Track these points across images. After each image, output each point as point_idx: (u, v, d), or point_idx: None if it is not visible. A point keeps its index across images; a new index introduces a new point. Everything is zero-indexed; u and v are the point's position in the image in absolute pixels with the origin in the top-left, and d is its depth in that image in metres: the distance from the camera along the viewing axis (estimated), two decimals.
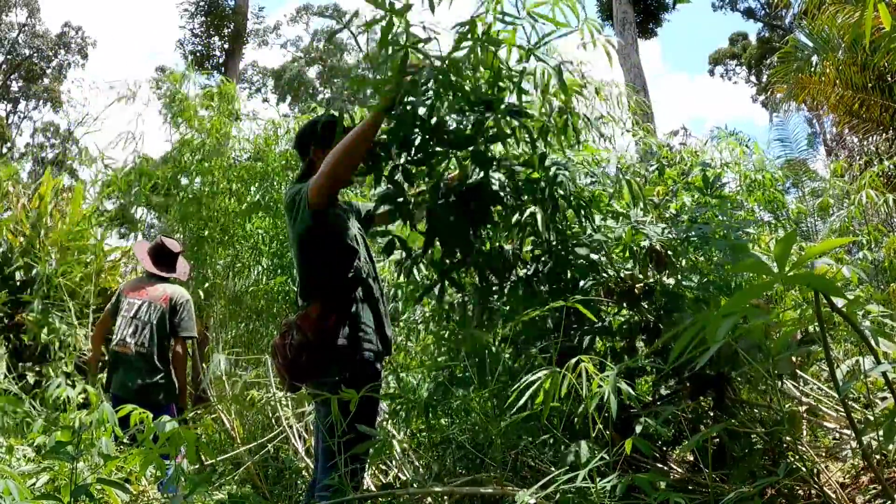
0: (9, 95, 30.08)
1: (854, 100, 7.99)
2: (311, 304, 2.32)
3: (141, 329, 3.78)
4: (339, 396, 2.04)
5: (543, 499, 1.81)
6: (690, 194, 2.89)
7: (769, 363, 2.01)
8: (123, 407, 2.59)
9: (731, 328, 1.24)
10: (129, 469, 2.55)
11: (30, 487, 2.20)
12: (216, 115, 5.28)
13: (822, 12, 7.21)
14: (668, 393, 2.55)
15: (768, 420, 2.33)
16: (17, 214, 6.21)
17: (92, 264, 6.24)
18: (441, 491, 2.00)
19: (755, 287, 1.54)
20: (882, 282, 4.28)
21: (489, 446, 1.94)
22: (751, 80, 28.22)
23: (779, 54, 9.07)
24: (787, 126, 9.84)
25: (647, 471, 2.09)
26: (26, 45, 28.97)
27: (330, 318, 2.29)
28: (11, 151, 29.91)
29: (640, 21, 15.82)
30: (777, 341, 1.94)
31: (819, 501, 2.07)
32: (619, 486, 1.71)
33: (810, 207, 6.34)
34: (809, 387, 2.63)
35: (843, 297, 1.45)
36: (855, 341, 2.96)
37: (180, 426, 2.17)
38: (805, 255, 1.39)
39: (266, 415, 3.73)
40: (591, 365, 1.78)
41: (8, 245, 6.05)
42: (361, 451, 2.06)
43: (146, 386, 3.72)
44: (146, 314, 3.81)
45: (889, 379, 1.52)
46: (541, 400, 1.80)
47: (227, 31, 15.96)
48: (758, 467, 2.03)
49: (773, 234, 3.43)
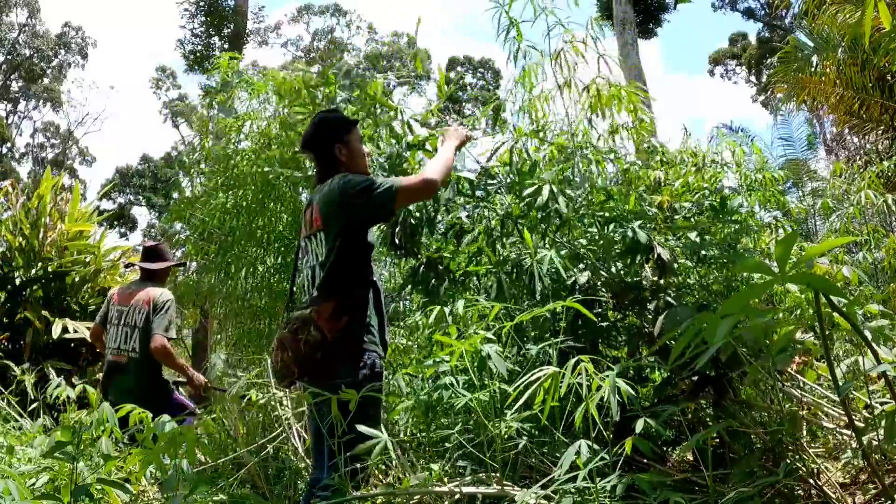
0: (9, 95, 30.09)
1: (854, 100, 7.99)
2: (324, 302, 2.28)
3: (131, 334, 3.84)
4: (346, 397, 2.04)
5: (543, 499, 1.81)
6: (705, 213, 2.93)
7: (769, 363, 2.01)
8: (123, 407, 2.60)
9: (731, 328, 1.24)
10: (128, 469, 2.55)
11: (30, 487, 2.20)
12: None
13: (823, 12, 7.21)
14: (669, 394, 2.56)
15: (768, 420, 2.34)
16: (17, 214, 6.21)
17: (91, 264, 6.24)
18: (441, 491, 2.00)
19: (755, 287, 1.54)
20: (882, 282, 4.28)
21: (489, 446, 1.94)
22: (751, 81, 28.24)
23: (779, 55, 9.08)
24: (789, 126, 9.85)
25: (647, 471, 2.09)
26: (26, 45, 28.97)
27: (343, 317, 2.28)
28: (12, 151, 29.90)
29: (640, 21, 15.82)
30: (777, 341, 1.94)
31: (819, 501, 2.07)
32: (619, 486, 1.71)
33: (810, 207, 6.34)
34: (809, 387, 2.63)
35: (843, 297, 1.45)
36: (855, 341, 2.96)
37: (180, 426, 2.17)
38: (805, 256, 1.39)
39: (266, 414, 3.73)
40: (591, 365, 1.78)
41: (7, 245, 6.05)
42: (362, 452, 2.05)
43: (144, 389, 3.75)
44: (132, 319, 3.88)
45: (889, 379, 1.52)
46: (540, 399, 1.80)
47: (227, 31, 15.95)
48: (758, 467, 2.03)
49: (773, 235, 3.43)
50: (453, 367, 2.23)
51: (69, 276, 6.06)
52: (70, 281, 6.08)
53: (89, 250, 6.33)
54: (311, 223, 2.49)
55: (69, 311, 5.93)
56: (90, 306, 6.14)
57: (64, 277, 6.04)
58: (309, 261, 2.48)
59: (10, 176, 24.72)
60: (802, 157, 9.67)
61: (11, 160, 30.03)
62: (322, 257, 2.39)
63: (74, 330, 5.58)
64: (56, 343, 5.67)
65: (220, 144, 5.26)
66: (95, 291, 6.29)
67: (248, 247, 5.10)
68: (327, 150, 2.51)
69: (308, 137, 2.59)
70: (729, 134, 9.52)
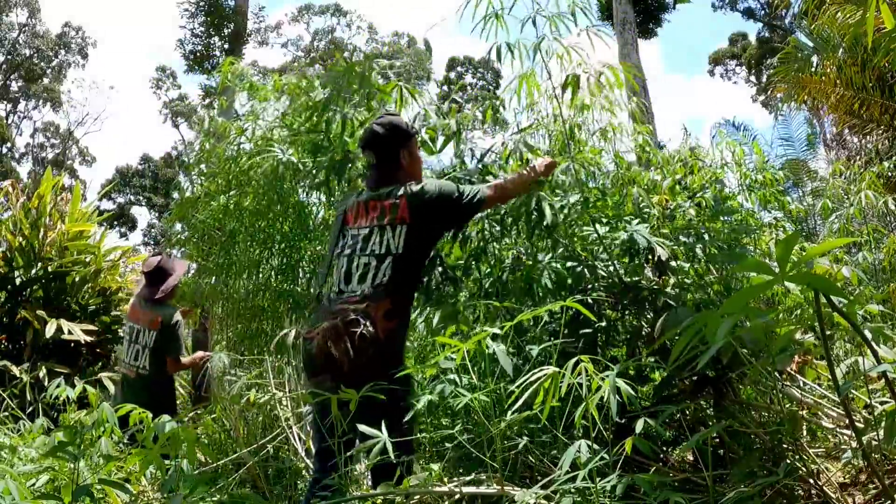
0: (9, 95, 30.10)
1: (854, 100, 7.99)
2: (383, 299, 2.29)
3: (141, 353, 4.17)
4: (354, 397, 2.04)
5: (543, 499, 1.81)
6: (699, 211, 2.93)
7: (769, 363, 2.01)
8: (122, 406, 2.60)
9: (731, 328, 1.24)
10: (128, 469, 2.55)
11: (30, 487, 2.20)
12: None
13: (823, 12, 7.21)
14: (668, 393, 2.56)
15: (768, 420, 2.34)
16: (17, 214, 6.21)
17: (91, 264, 6.23)
18: (441, 491, 2.00)
19: (755, 287, 1.54)
20: (882, 282, 4.28)
21: (489, 446, 1.94)
22: (750, 81, 28.25)
23: (780, 55, 9.08)
24: (789, 125, 9.86)
25: (647, 471, 2.09)
26: (26, 45, 28.98)
27: (395, 318, 2.30)
28: (12, 151, 29.90)
29: (640, 21, 15.80)
30: (777, 341, 1.94)
31: (819, 501, 2.07)
32: (619, 486, 1.71)
33: (809, 207, 6.34)
34: (809, 387, 2.63)
35: (843, 297, 1.45)
36: (856, 341, 2.96)
37: (180, 426, 2.17)
38: (805, 256, 1.39)
39: (266, 414, 3.73)
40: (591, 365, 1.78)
41: (7, 245, 6.04)
42: (361, 451, 2.05)
43: (149, 405, 3.83)
44: (142, 339, 4.20)
45: (889, 379, 1.52)
46: (540, 399, 1.80)
47: (227, 30, 15.93)
48: (758, 467, 2.03)
49: (773, 235, 3.43)
50: (458, 367, 2.24)
51: (69, 276, 6.06)
52: (70, 281, 6.08)
53: (89, 250, 6.33)
54: (382, 214, 2.46)
55: (69, 312, 5.93)
56: (90, 306, 6.14)
57: (64, 277, 6.04)
58: (360, 250, 2.43)
59: (11, 176, 24.74)
60: (802, 157, 9.68)
61: (11, 160, 30.04)
62: (398, 249, 2.38)
63: (69, 331, 5.57)
64: (56, 343, 5.67)
65: (221, 146, 5.26)
66: (95, 292, 6.29)
67: (250, 248, 5.09)
68: (393, 154, 2.55)
69: (376, 138, 2.57)
70: (731, 132, 9.54)
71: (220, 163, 5.04)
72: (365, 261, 2.40)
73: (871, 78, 7.75)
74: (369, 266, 2.38)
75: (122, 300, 6.47)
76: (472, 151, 3.16)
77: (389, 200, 2.47)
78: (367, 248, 2.42)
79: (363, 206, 2.54)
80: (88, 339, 5.70)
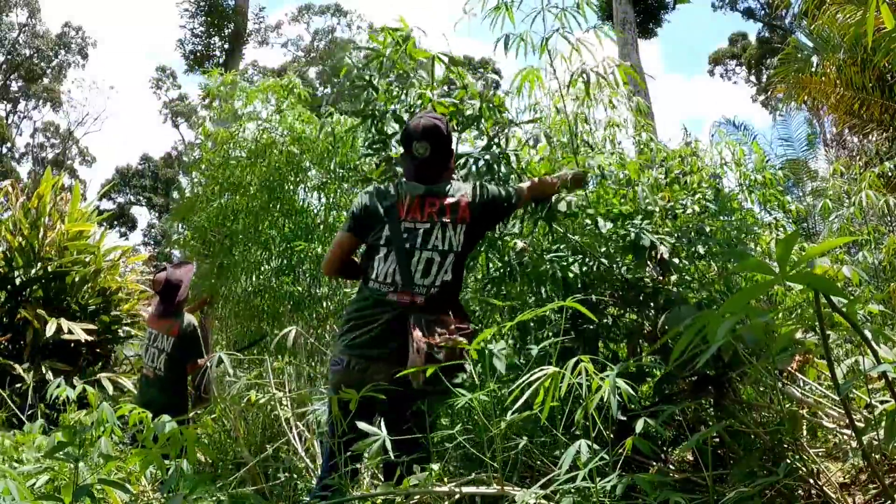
0: (9, 95, 30.09)
1: (854, 100, 7.99)
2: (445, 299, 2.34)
3: (157, 356, 4.51)
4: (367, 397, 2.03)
5: (543, 499, 1.81)
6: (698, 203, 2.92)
7: (770, 362, 2.01)
8: (122, 406, 2.60)
9: (732, 328, 1.24)
10: (128, 469, 2.55)
11: (30, 487, 2.20)
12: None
13: (823, 12, 7.21)
14: (668, 393, 2.55)
15: (768, 420, 2.33)
16: (17, 214, 6.20)
17: (91, 264, 6.23)
18: (441, 491, 2.00)
19: (756, 287, 1.54)
20: (882, 282, 4.28)
21: (489, 446, 1.94)
22: (750, 81, 28.25)
23: (780, 55, 9.09)
24: (789, 125, 9.85)
25: (647, 471, 2.09)
26: (26, 45, 28.97)
27: (465, 320, 2.36)
28: (11, 151, 29.91)
29: (640, 21, 15.80)
30: (777, 341, 1.94)
31: (819, 501, 2.07)
32: (618, 486, 1.71)
33: (809, 207, 6.34)
34: (809, 387, 2.63)
35: (843, 297, 1.45)
36: (856, 341, 2.96)
37: (181, 426, 2.17)
38: (805, 255, 1.39)
39: (266, 414, 3.73)
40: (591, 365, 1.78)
41: (7, 245, 6.04)
42: (361, 450, 2.04)
43: (164, 405, 4.01)
44: (161, 344, 4.53)
45: (889, 379, 1.52)
46: (540, 399, 1.80)
47: (227, 30, 15.93)
48: (758, 467, 2.03)
49: (773, 235, 3.43)
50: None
51: (69, 276, 6.06)
52: (70, 281, 6.08)
53: (89, 250, 6.33)
54: (442, 211, 2.42)
55: (69, 311, 5.93)
56: (90, 306, 6.14)
57: (64, 277, 6.04)
58: (421, 245, 2.38)
59: (10, 176, 24.72)
60: (802, 156, 9.67)
61: (11, 160, 30.03)
62: (459, 248, 2.40)
63: (69, 330, 5.58)
64: (56, 343, 5.67)
65: (213, 152, 5.28)
66: (95, 291, 6.29)
67: (249, 249, 5.10)
68: (448, 150, 2.58)
69: (438, 132, 2.49)
70: (731, 131, 9.54)
71: (213, 168, 5.05)
72: (428, 256, 2.36)
73: (871, 78, 7.75)
74: (432, 262, 2.36)
75: (122, 300, 6.48)
76: (500, 130, 3.03)
77: (449, 198, 2.44)
78: (430, 244, 2.38)
79: (420, 199, 2.45)
80: (88, 338, 5.70)
